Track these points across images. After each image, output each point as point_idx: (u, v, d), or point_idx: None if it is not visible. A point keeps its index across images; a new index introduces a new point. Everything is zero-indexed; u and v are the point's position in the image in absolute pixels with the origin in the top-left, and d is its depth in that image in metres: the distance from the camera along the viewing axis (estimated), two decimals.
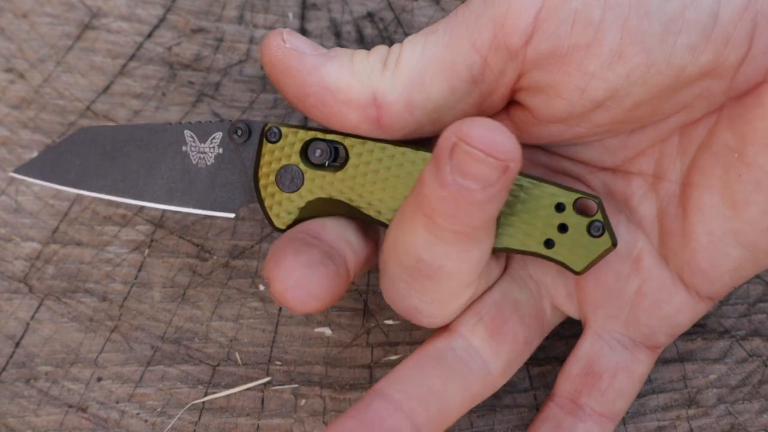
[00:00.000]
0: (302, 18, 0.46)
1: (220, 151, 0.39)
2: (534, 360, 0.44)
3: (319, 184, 0.38)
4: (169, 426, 0.43)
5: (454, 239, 0.34)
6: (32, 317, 0.44)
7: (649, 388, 0.44)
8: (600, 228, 0.37)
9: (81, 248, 0.44)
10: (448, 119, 0.37)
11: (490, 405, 0.43)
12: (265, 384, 0.43)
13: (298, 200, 0.38)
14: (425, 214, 0.34)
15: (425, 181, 0.33)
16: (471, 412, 0.43)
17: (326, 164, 0.38)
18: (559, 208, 0.37)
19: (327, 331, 0.44)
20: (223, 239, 0.45)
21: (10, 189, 0.45)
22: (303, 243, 0.36)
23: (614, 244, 0.37)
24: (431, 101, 0.36)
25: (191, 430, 0.43)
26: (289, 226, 0.38)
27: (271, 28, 0.46)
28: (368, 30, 0.46)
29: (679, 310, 0.39)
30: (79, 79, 0.45)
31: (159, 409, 0.43)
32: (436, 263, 0.35)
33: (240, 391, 0.43)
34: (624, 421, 0.43)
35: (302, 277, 0.34)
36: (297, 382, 0.44)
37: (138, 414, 0.43)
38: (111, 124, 0.39)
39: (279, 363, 0.44)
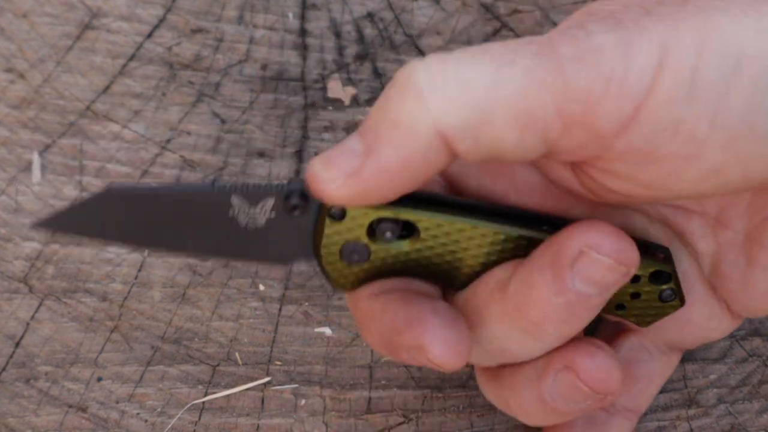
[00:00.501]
0: (302, 18, 0.46)
1: (273, 216, 0.35)
2: None
3: (386, 257, 0.35)
4: (169, 426, 0.43)
5: (557, 340, 0.34)
6: (32, 317, 0.44)
7: None
8: (671, 295, 0.36)
9: (81, 248, 0.44)
10: (509, 159, 0.33)
11: (491, 405, 0.43)
12: (265, 384, 0.43)
13: (366, 271, 0.36)
14: (532, 322, 0.33)
15: (536, 289, 0.33)
16: (471, 412, 0.43)
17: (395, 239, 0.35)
18: (635, 279, 0.36)
19: (327, 331, 0.44)
20: None
21: (10, 189, 0.45)
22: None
23: (682, 304, 0.37)
24: (497, 144, 0.32)
25: (191, 430, 0.43)
26: (354, 289, 0.36)
27: (270, 28, 0.46)
28: (368, 30, 0.46)
29: (723, 332, 0.39)
30: (79, 79, 0.45)
31: (159, 409, 0.43)
32: (527, 356, 0.35)
33: (240, 391, 0.43)
34: None
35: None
36: (297, 382, 0.44)
37: (138, 414, 0.43)
38: (138, 184, 0.36)
39: (279, 363, 0.44)
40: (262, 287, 0.45)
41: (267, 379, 0.44)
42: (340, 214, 0.34)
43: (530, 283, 0.33)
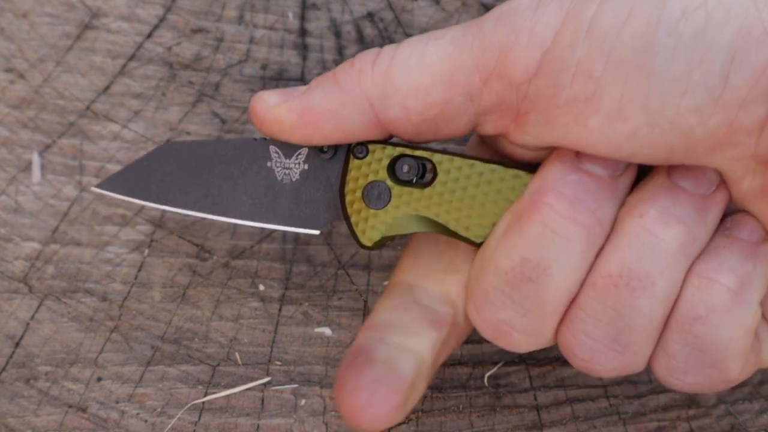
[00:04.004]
0: (302, 18, 0.46)
1: (306, 167, 0.38)
2: (534, 360, 0.44)
3: (406, 201, 0.37)
4: (169, 426, 0.43)
5: (572, 230, 0.34)
6: (32, 317, 0.44)
7: (650, 388, 0.44)
8: None
9: (81, 248, 0.44)
10: (445, 132, 0.36)
11: (491, 405, 0.43)
12: (265, 384, 0.43)
13: (384, 216, 0.38)
14: (546, 203, 0.34)
15: (552, 168, 0.35)
16: (471, 412, 0.43)
17: (414, 180, 0.37)
18: None
19: (327, 331, 0.44)
20: (223, 239, 0.45)
21: (10, 189, 0.45)
22: (363, 362, 0.36)
23: None
24: (427, 109, 0.35)
25: (191, 430, 0.43)
26: (376, 243, 0.38)
27: (271, 28, 0.46)
28: (368, 30, 0.46)
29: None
30: (79, 79, 0.45)
31: (159, 409, 0.43)
32: (543, 264, 0.35)
33: (240, 391, 0.43)
34: (624, 422, 0.43)
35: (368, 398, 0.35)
36: (297, 382, 0.44)
37: (138, 414, 0.43)
38: (193, 139, 0.39)
39: (279, 363, 0.44)
40: (262, 287, 0.45)
41: (267, 379, 0.44)
42: (363, 151, 0.38)
43: (548, 168, 0.36)
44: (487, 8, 0.47)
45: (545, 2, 0.34)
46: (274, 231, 0.45)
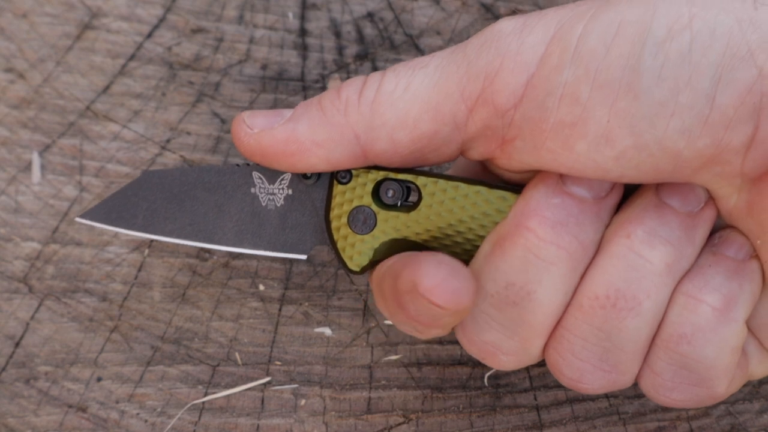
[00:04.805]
0: (302, 18, 0.46)
1: (290, 192, 0.38)
2: None
3: (392, 225, 0.37)
4: (169, 426, 0.43)
5: (555, 254, 0.34)
6: (32, 317, 0.44)
7: None
8: None
9: (81, 248, 0.44)
10: (432, 160, 0.36)
11: (491, 405, 0.43)
12: (265, 384, 0.43)
13: (371, 241, 0.37)
14: (529, 228, 0.34)
15: (536, 191, 0.35)
16: (471, 412, 0.43)
17: (399, 204, 0.37)
18: None
19: (327, 331, 0.44)
20: None
21: (10, 189, 0.45)
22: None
23: None
24: (414, 142, 0.35)
25: (191, 430, 0.43)
26: (364, 268, 0.38)
27: (271, 28, 0.46)
28: (368, 30, 0.46)
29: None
30: (79, 79, 0.45)
31: (159, 409, 0.43)
32: (527, 288, 0.35)
33: (240, 391, 0.43)
34: (624, 422, 0.43)
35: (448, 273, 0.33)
36: (297, 382, 0.44)
37: (138, 414, 0.43)
38: (175, 167, 0.39)
39: (279, 363, 0.44)
40: (262, 287, 0.45)
41: (267, 379, 0.44)
42: (346, 177, 0.37)
43: (532, 191, 0.35)
44: (486, 8, 0.47)
45: (530, 24, 0.34)
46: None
